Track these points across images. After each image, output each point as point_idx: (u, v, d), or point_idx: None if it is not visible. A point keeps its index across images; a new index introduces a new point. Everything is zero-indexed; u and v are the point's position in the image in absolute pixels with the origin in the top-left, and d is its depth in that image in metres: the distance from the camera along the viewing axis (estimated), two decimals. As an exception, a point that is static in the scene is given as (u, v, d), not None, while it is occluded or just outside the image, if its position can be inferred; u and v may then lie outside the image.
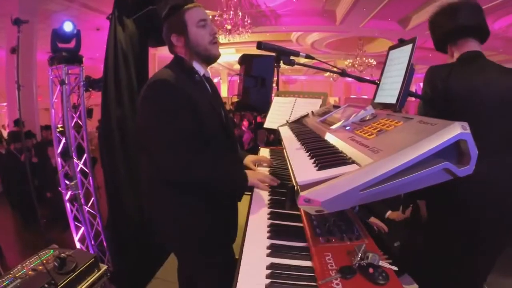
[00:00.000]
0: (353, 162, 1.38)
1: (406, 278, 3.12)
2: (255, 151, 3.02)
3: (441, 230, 2.55)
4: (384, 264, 1.27)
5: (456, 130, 1.14)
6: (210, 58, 2.33)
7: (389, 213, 4.27)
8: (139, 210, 4.15)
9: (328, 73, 24.35)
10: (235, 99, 5.28)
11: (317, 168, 1.47)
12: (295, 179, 1.43)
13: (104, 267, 3.18)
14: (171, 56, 2.36)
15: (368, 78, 2.61)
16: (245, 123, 13.11)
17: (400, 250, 3.96)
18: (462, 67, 2.39)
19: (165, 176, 2.19)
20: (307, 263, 1.44)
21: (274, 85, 5.28)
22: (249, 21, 14.12)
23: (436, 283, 2.65)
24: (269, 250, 1.54)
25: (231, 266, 1.62)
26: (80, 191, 4.56)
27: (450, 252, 2.49)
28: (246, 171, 2.31)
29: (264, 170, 2.62)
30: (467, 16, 2.41)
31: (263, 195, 2.22)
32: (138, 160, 3.86)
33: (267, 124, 3.91)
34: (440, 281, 2.60)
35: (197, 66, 2.31)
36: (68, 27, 4.28)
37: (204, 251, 2.31)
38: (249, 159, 2.74)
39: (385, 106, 1.96)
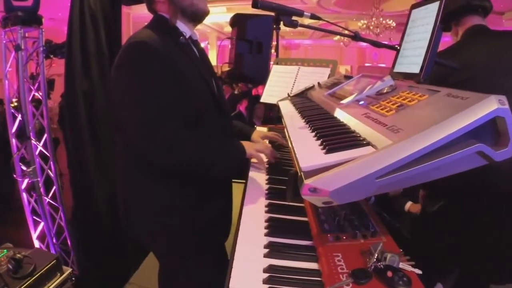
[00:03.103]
0: (368, 143, 1.38)
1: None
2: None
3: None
4: (405, 266, 1.27)
5: (492, 105, 1.13)
6: (197, 15, 2.31)
7: (409, 204, 4.24)
8: (110, 201, 4.15)
9: (338, 37, 24.22)
10: (226, 68, 5.26)
11: (324, 151, 1.46)
12: (298, 164, 1.43)
13: (68, 270, 3.18)
14: (149, 17, 2.34)
15: (386, 42, 2.60)
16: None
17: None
18: (469, 43, 2.62)
19: (143, 159, 2.19)
20: (313, 266, 1.45)
21: (272, 51, 5.26)
22: (242, -27, 14.02)
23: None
24: (266, 250, 1.55)
25: (223, 269, 1.63)
26: (39, 179, 4.54)
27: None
28: (242, 142, 2.32)
29: None
30: None
31: (260, 183, 2.22)
32: (111, 141, 3.85)
33: (264, 98, 3.90)
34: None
35: (181, 26, 2.29)
36: (24, -20, 4.23)
37: (192, 250, 2.32)
38: (257, 134, 2.75)
39: (406, 76, 1.95)
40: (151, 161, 2.16)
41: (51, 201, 4.67)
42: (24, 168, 4.49)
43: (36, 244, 4.64)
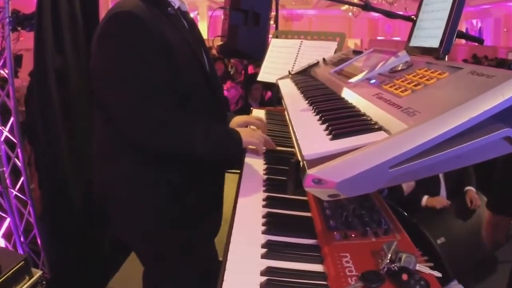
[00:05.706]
0: (380, 128, 1.37)
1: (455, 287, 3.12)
2: (245, 113, 3.01)
3: None
4: (422, 268, 1.27)
5: (522, 85, 1.12)
6: None
7: (426, 199, 4.24)
8: (86, 193, 4.14)
9: (346, 6, 24.20)
10: (219, 42, 5.25)
11: (330, 136, 1.45)
12: (300, 151, 1.42)
13: (38, 272, 3.19)
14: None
15: (400, 13, 2.60)
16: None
17: (445, 249, 3.93)
18: None
19: (130, 143, 2.19)
20: (317, 267, 1.45)
21: (271, 22, 5.24)
22: None
23: None
24: (264, 250, 1.55)
25: (213, 269, 1.63)
26: (5, 169, 4.53)
27: None
28: (238, 129, 2.32)
29: None
30: None
31: (257, 174, 2.22)
32: (87, 125, 3.84)
33: (262, 76, 3.90)
34: None
35: None
36: None
37: (179, 249, 2.32)
38: (235, 121, 2.73)
39: (424, 51, 1.95)
40: (140, 143, 2.16)
41: (18, 194, 4.65)
42: (-14, 156, 4.48)
43: (1, 243, 4.62)
